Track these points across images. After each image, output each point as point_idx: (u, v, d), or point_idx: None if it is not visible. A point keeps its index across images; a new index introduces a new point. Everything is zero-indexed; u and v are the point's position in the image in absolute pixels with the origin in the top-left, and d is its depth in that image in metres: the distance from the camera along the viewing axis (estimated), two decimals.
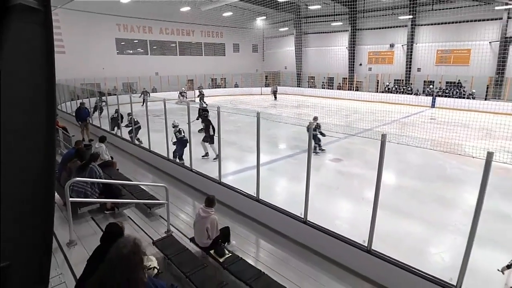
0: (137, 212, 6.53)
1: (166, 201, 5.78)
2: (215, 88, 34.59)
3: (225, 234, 5.23)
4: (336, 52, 31.90)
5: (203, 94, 24.64)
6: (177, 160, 9.73)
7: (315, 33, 34.09)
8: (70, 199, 4.96)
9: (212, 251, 4.84)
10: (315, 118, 11.72)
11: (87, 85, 21.09)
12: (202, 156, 10.69)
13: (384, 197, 4.78)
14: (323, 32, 33.42)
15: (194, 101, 25.32)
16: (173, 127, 10.10)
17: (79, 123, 13.26)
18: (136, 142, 11.48)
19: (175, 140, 9.95)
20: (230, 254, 4.81)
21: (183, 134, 10.03)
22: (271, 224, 6.24)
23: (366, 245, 4.80)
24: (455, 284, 3.96)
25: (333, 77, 33.38)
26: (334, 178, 9.57)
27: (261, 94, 33.72)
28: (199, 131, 12.95)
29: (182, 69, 32.08)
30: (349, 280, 4.83)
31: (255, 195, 6.51)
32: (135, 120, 11.54)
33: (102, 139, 8.96)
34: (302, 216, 5.64)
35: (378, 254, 4.70)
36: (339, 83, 33.39)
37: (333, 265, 5.14)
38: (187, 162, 8.54)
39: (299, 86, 35.34)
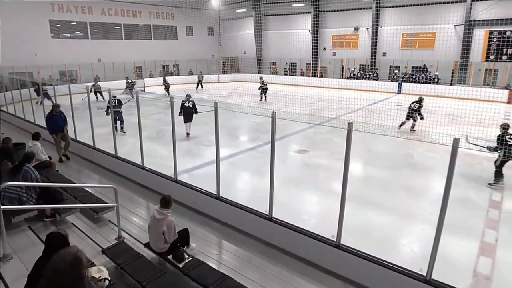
0: (83, 218, 6.30)
1: (115, 204, 5.62)
2: (168, 76, 33.81)
3: (183, 236, 5.19)
4: (298, 35, 32.29)
5: (168, 84, 24.68)
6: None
7: (275, 15, 34.28)
8: (2, 206, 4.69)
9: (170, 256, 4.79)
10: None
11: (17, 75, 19.86)
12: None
13: (352, 188, 4.96)
14: (285, 14, 33.70)
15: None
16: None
17: (53, 136, 10.14)
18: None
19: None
20: (191, 258, 4.79)
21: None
22: (234, 223, 6.27)
23: (335, 240, 4.96)
24: (425, 274, 4.20)
25: (295, 63, 33.81)
26: (300, 171, 9.76)
27: (219, 82, 33.50)
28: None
29: (128, 55, 30.99)
30: (318, 277, 4.98)
31: (216, 193, 6.50)
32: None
33: (36, 136, 8.46)
34: (267, 213, 5.72)
35: (347, 249, 4.88)
36: (302, 69, 33.90)
37: (300, 262, 5.27)
38: (147, 155, 8.30)
39: (260, 73, 35.48)
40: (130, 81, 25.04)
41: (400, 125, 13.70)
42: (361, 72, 30.01)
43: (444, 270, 4.30)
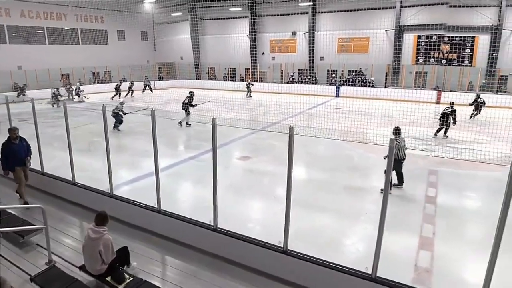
0: (6, 243, 5.82)
1: (43, 225, 5.27)
2: (98, 83, 32.43)
3: (123, 255, 5.00)
4: (236, 40, 32.67)
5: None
6: None
7: (213, 19, 34.39)
8: None
9: (109, 278, 4.60)
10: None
11: None
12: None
13: (296, 192, 5.10)
14: (222, 18, 33.90)
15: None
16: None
17: (6, 173, 7.70)
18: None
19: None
20: (132, 278, 4.64)
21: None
22: (177, 237, 6.15)
23: (282, 246, 5.05)
24: (370, 273, 4.42)
25: (235, 68, 34.11)
26: (244, 178, 9.85)
27: (155, 89, 32.79)
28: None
29: (53, 61, 29.31)
30: (267, 284, 5.04)
31: (156, 206, 6.34)
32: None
33: None
34: (212, 224, 5.69)
35: (295, 254, 5.00)
36: (242, 74, 34.27)
37: (247, 271, 5.30)
38: (78, 169, 7.84)
39: (198, 79, 35.28)
40: (71, 88, 24.25)
41: (436, 133, 14.30)
42: (300, 76, 31.02)
43: (388, 267, 4.55)
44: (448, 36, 25.29)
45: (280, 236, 5.04)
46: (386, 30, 27.23)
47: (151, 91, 28.41)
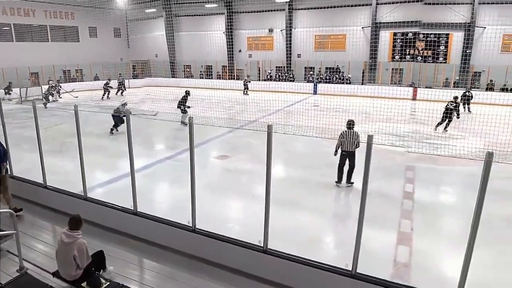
0: None
1: (14, 231, 5.10)
2: (70, 82, 31.61)
3: (98, 259, 4.91)
4: (213, 37, 32.47)
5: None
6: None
7: (188, 15, 34.09)
8: None
9: (84, 284, 4.51)
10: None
11: None
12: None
13: (275, 190, 5.12)
14: (197, 15, 33.67)
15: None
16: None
17: None
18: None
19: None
20: (108, 283, 4.56)
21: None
22: (155, 239, 6.08)
23: (262, 245, 5.06)
24: (350, 269, 4.48)
25: (211, 65, 33.94)
26: (222, 177, 9.82)
27: (129, 87, 32.25)
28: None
29: (22, 59, 28.36)
30: (247, 284, 5.04)
31: (132, 208, 6.24)
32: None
33: None
34: (190, 224, 5.64)
35: (275, 253, 5.02)
36: (218, 72, 34.14)
37: (227, 271, 5.29)
38: (49, 171, 7.62)
39: (174, 77, 34.94)
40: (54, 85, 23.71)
41: (437, 126, 14.63)
42: (278, 73, 31.13)
43: (368, 263, 4.62)
44: (423, 33, 25.91)
45: (260, 235, 5.05)
46: (362, 27, 27.60)
47: (125, 89, 27.85)
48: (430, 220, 7.24)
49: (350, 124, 8.72)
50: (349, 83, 27.77)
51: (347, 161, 8.60)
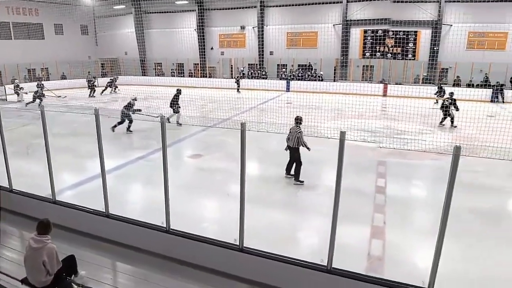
0: None
1: None
2: (35, 81, 30.45)
3: (69, 264, 4.80)
4: (184, 34, 32.09)
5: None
6: None
7: (158, 12, 33.59)
8: None
9: None
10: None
11: None
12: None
13: (250, 188, 5.12)
14: (168, 12, 33.20)
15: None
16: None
17: None
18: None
19: None
20: None
21: None
22: (128, 241, 5.98)
23: (238, 244, 5.07)
24: (326, 265, 4.55)
25: (183, 63, 33.58)
26: (196, 176, 9.76)
27: (98, 87, 31.46)
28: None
29: None
30: (222, 283, 5.04)
31: (104, 210, 6.12)
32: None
33: None
34: (164, 225, 5.59)
35: (251, 251, 5.04)
36: (190, 70, 33.83)
37: (203, 271, 5.28)
38: (15, 175, 7.33)
39: (145, 75, 34.36)
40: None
41: (441, 122, 15.17)
42: (250, 71, 31.14)
43: (343, 258, 4.70)
44: (393, 31, 26.51)
45: (236, 233, 5.05)
46: (333, 25, 28.00)
47: (94, 88, 27.12)
48: (402, 213, 7.45)
49: (297, 120, 8.78)
50: (321, 80, 28.16)
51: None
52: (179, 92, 15.49)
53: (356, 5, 27.25)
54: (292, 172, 8.90)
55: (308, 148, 8.73)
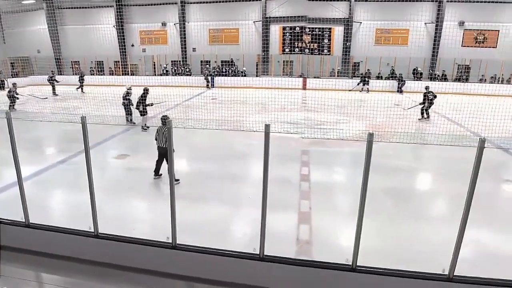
0: None
1: None
2: None
3: None
4: (102, 31, 30.34)
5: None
6: None
7: (72, 8, 31.29)
8: None
9: None
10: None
11: None
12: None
13: (181, 185, 5.05)
14: (83, 7, 31.16)
15: None
16: None
17: None
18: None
19: None
20: None
21: None
22: (53, 250, 5.55)
23: (171, 242, 4.96)
24: (258, 253, 4.63)
25: (102, 61, 31.85)
26: (124, 177, 9.37)
27: (7, 88, 28.66)
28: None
29: None
30: (155, 281, 4.91)
31: (23, 220, 5.61)
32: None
33: None
34: (92, 230, 5.28)
35: (184, 247, 4.95)
36: (111, 68, 32.24)
37: (135, 273, 5.07)
38: None
39: (61, 74, 31.98)
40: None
41: (427, 116, 15.58)
42: (174, 68, 30.48)
43: (274, 245, 4.80)
44: (309, 28, 27.60)
45: (168, 232, 4.94)
46: (254, 22, 28.36)
47: (3, 88, 24.72)
48: (325, 198, 7.82)
49: (164, 119, 8.46)
50: (244, 75, 28.46)
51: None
52: (146, 91, 14.04)
53: (274, 3, 27.86)
54: (162, 172, 8.66)
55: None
